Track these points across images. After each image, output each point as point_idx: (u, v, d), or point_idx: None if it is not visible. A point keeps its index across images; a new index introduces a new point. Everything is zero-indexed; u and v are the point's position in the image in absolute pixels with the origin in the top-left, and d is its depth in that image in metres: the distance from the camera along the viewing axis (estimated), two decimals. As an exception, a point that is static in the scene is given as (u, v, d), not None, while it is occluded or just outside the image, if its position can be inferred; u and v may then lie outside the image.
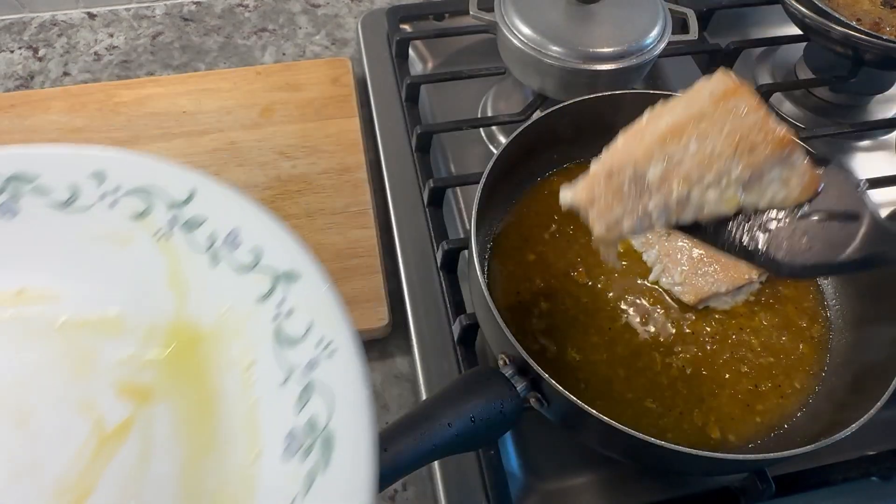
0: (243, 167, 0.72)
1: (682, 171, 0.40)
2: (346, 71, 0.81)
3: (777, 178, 0.41)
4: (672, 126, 0.41)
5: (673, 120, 0.41)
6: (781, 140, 0.40)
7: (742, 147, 0.40)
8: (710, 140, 0.41)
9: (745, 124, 0.41)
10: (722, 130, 0.41)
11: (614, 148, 0.43)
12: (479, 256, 0.49)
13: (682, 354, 0.54)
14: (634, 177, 0.41)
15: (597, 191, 0.42)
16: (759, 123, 0.41)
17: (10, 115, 0.75)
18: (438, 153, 0.76)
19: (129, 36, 0.89)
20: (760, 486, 0.50)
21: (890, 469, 0.55)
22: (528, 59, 0.67)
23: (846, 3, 0.73)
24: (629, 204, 0.41)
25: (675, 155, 0.41)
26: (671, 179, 0.41)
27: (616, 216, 0.41)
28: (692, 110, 0.41)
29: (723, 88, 0.42)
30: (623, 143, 0.43)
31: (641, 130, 0.43)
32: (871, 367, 0.51)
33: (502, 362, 0.47)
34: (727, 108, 0.41)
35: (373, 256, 0.66)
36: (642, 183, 0.41)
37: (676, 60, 0.84)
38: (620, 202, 0.41)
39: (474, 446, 0.47)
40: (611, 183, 0.42)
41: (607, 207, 0.42)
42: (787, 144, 0.41)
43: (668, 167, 0.41)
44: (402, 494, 0.56)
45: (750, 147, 0.40)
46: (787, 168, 0.41)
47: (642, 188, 0.41)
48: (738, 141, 0.40)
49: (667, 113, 0.43)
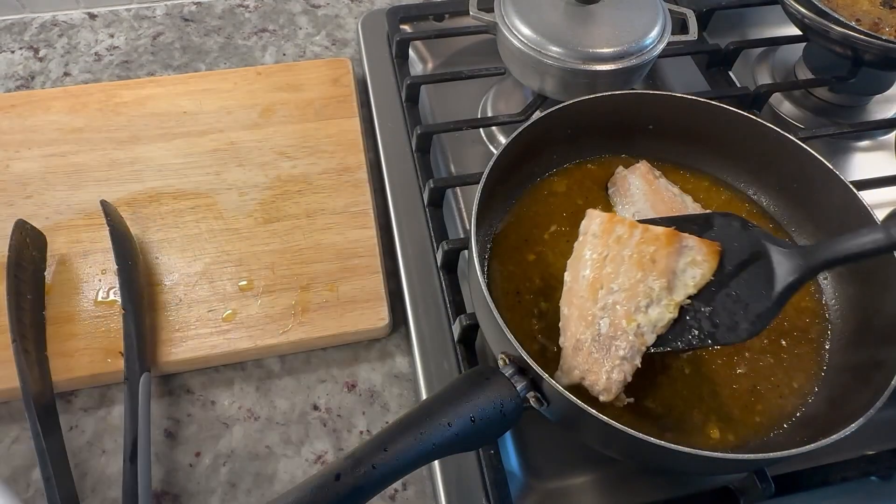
0: (243, 167, 0.72)
1: (622, 311, 0.47)
2: (346, 71, 0.81)
3: (687, 265, 0.49)
4: (592, 281, 0.49)
5: (591, 274, 0.49)
6: (668, 239, 0.48)
7: (646, 263, 0.48)
8: (622, 273, 0.48)
9: (635, 243, 0.49)
10: (624, 259, 0.48)
11: (566, 322, 0.50)
12: (479, 256, 0.49)
13: (682, 354, 0.54)
14: (594, 338, 0.48)
15: (579, 363, 0.48)
16: (643, 236, 0.49)
17: (10, 115, 0.75)
18: (438, 153, 0.76)
19: (129, 36, 0.89)
20: (760, 485, 0.50)
21: (889, 469, 0.55)
22: (528, 59, 0.67)
23: (845, 4, 0.73)
24: (606, 361, 0.47)
25: (608, 301, 0.48)
26: (619, 322, 0.47)
27: (606, 376, 0.47)
28: (595, 255, 0.50)
29: (600, 224, 0.51)
30: (569, 314, 0.50)
31: (572, 293, 0.50)
32: (870, 367, 0.51)
33: (502, 362, 0.47)
34: (615, 238, 0.50)
35: (373, 256, 0.66)
36: (603, 339, 0.47)
37: (676, 61, 0.84)
38: (599, 364, 0.47)
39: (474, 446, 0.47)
40: (581, 353, 0.48)
41: (595, 375, 0.47)
42: (673, 239, 0.49)
43: (611, 316, 0.48)
44: (402, 494, 0.56)
45: (651, 259, 0.48)
46: (687, 253, 0.49)
47: (606, 343, 0.47)
48: (640, 260, 0.48)
49: (580, 267, 0.50)
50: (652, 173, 0.62)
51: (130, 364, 0.56)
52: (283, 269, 0.65)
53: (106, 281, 0.63)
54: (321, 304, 0.63)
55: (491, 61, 0.77)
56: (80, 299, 0.62)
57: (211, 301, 0.63)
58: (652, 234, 0.49)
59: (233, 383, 0.61)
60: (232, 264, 0.65)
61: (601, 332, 0.48)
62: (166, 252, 0.66)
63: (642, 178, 0.61)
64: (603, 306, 0.48)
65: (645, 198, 0.60)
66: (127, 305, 0.59)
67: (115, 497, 0.55)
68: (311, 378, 0.62)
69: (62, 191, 0.69)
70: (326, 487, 0.38)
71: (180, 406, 0.60)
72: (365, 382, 0.62)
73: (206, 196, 0.70)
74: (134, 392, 0.55)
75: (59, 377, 0.58)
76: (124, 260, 0.61)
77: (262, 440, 0.58)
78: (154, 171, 0.71)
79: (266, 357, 0.62)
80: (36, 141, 0.73)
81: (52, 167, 0.71)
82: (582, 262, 0.50)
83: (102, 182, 0.70)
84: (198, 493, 0.55)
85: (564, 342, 0.50)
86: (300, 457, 0.57)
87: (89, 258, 0.65)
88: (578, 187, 0.64)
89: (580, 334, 0.48)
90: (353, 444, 0.58)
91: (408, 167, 0.73)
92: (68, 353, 0.59)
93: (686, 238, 0.49)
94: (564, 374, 0.49)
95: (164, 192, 0.70)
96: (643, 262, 0.48)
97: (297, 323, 0.62)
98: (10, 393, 0.57)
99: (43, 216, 0.67)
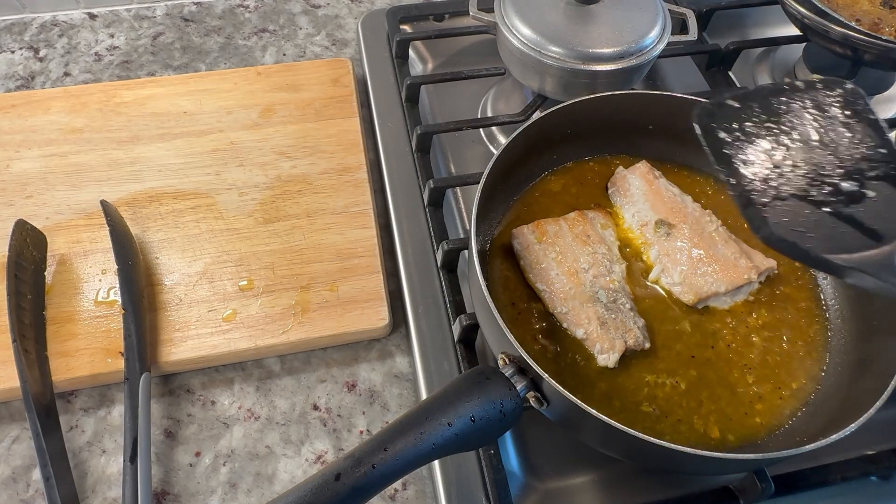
0: (243, 167, 0.72)
1: (602, 280, 0.56)
2: (346, 71, 0.81)
3: (601, 228, 0.60)
4: (567, 273, 0.56)
5: (562, 269, 0.56)
6: (582, 216, 0.59)
7: (585, 239, 0.58)
8: (580, 255, 0.57)
9: (568, 230, 0.58)
10: (572, 245, 0.57)
11: (573, 316, 0.54)
12: (479, 256, 0.49)
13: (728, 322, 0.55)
14: (606, 309, 0.54)
15: (612, 334, 0.53)
16: (568, 223, 0.59)
17: (10, 115, 0.75)
18: (438, 153, 0.76)
19: (129, 36, 0.89)
20: (760, 485, 0.50)
21: (889, 468, 0.55)
22: (528, 59, 0.67)
23: (845, 4, 0.73)
24: (627, 319, 0.54)
25: (589, 278, 0.55)
26: (608, 286, 0.55)
27: (636, 327, 0.53)
28: (552, 255, 0.57)
29: (532, 233, 0.58)
30: (570, 309, 0.55)
31: (558, 293, 0.55)
32: (870, 367, 0.51)
33: (502, 362, 0.47)
34: (552, 235, 0.58)
35: (373, 256, 0.66)
36: (609, 305, 0.54)
37: (676, 61, 0.84)
38: (624, 322, 0.53)
39: (474, 446, 0.47)
40: (608, 326, 0.53)
41: (631, 331, 0.53)
42: (583, 215, 0.60)
43: (600, 286, 0.55)
44: (402, 493, 0.56)
45: (585, 234, 0.58)
46: (597, 220, 0.61)
47: (613, 307, 0.54)
48: (582, 240, 0.58)
49: (547, 272, 0.56)
50: (652, 173, 0.62)
51: (130, 364, 0.56)
52: (283, 269, 0.65)
53: (106, 281, 0.64)
54: (321, 304, 0.63)
55: (491, 61, 0.77)
56: (80, 299, 0.62)
57: (211, 301, 0.63)
58: (571, 219, 0.59)
59: (233, 383, 0.61)
60: (232, 264, 0.65)
61: (604, 301, 0.54)
62: (166, 252, 0.66)
63: (642, 178, 0.62)
64: (590, 283, 0.55)
65: (644, 197, 0.61)
66: (127, 305, 0.59)
67: (115, 497, 0.55)
68: (311, 378, 0.62)
69: (62, 191, 0.69)
70: (326, 487, 0.38)
71: (180, 406, 0.60)
72: (365, 382, 0.62)
73: (206, 196, 0.70)
74: (134, 392, 0.55)
75: (59, 377, 0.58)
76: (124, 260, 0.61)
77: (262, 440, 0.58)
78: (154, 171, 0.71)
79: (266, 357, 0.62)
80: (36, 141, 0.73)
81: (52, 167, 0.71)
82: (544, 268, 0.56)
83: (102, 182, 0.70)
84: (198, 493, 0.55)
85: (586, 331, 0.53)
86: (300, 457, 0.57)
87: (89, 258, 0.65)
88: (578, 187, 0.64)
89: (596, 314, 0.53)
90: (353, 444, 0.58)
91: (408, 167, 0.73)
92: (68, 353, 0.59)
93: (588, 211, 0.60)
94: (609, 350, 0.52)
95: (164, 192, 0.70)
96: (584, 240, 0.58)
97: (297, 323, 0.62)
98: (10, 393, 0.57)
99: (43, 216, 0.67)
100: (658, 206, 0.60)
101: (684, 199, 0.61)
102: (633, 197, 0.61)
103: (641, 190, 0.61)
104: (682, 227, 0.58)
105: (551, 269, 0.56)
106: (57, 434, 0.55)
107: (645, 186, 0.61)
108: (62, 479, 0.52)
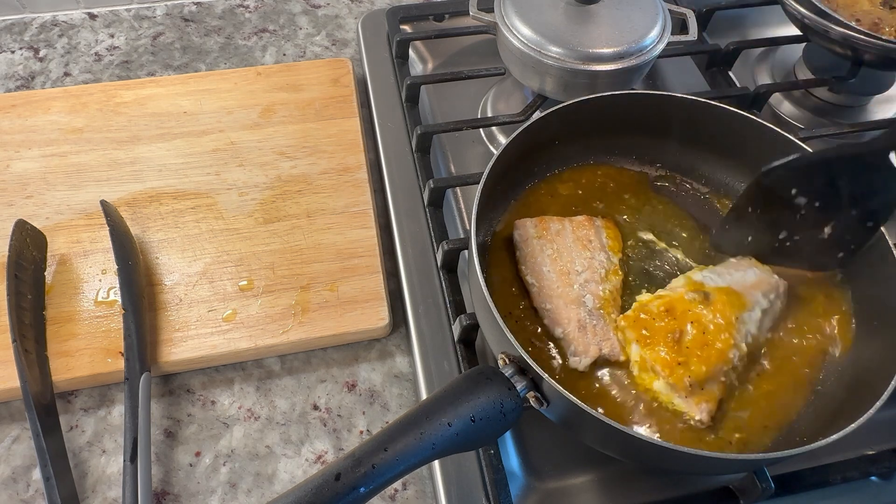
0: (243, 167, 0.72)
1: (593, 286, 0.55)
2: (346, 71, 0.81)
3: (605, 237, 0.59)
4: (559, 272, 0.56)
5: (555, 267, 0.56)
6: (589, 221, 0.60)
7: (587, 244, 0.58)
8: (577, 257, 0.57)
9: (572, 231, 0.58)
10: (571, 246, 0.57)
11: (556, 314, 0.54)
12: (479, 256, 0.49)
13: None
14: (589, 314, 0.54)
15: (590, 339, 0.53)
16: (573, 224, 0.59)
17: (10, 115, 0.75)
18: (438, 153, 0.76)
19: (129, 36, 0.89)
20: (760, 485, 0.50)
21: (889, 468, 0.55)
22: (528, 59, 0.67)
23: (845, 4, 0.73)
24: (608, 327, 0.54)
25: (581, 281, 0.55)
26: (597, 293, 0.55)
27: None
28: (549, 251, 0.57)
29: (534, 227, 0.58)
30: (554, 306, 0.55)
31: (546, 290, 0.55)
32: (871, 368, 0.51)
33: (502, 362, 0.47)
34: (554, 233, 0.58)
35: (373, 256, 0.66)
36: (594, 311, 0.54)
37: (676, 61, 0.84)
38: (605, 330, 0.53)
39: (474, 446, 0.47)
40: (587, 330, 0.53)
41: (609, 341, 0.53)
42: (591, 220, 0.60)
43: (589, 291, 0.55)
44: (402, 494, 0.56)
45: (588, 239, 0.58)
46: (601, 230, 0.60)
47: (597, 314, 0.54)
48: (583, 243, 0.57)
49: (540, 266, 0.56)
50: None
51: (130, 364, 0.56)
52: (283, 269, 0.65)
53: (106, 281, 0.64)
54: (321, 304, 0.63)
55: (491, 61, 0.77)
56: (80, 299, 0.62)
57: (211, 301, 0.63)
58: (577, 222, 0.59)
59: (233, 383, 0.61)
60: (232, 264, 0.65)
61: (589, 306, 0.54)
62: (166, 252, 0.66)
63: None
64: (580, 286, 0.55)
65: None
66: (127, 305, 0.59)
67: (115, 497, 0.55)
68: (311, 378, 0.62)
69: (62, 191, 0.69)
70: (326, 487, 0.38)
71: (180, 406, 0.60)
72: (365, 382, 0.62)
73: (206, 196, 0.70)
74: (134, 392, 0.55)
75: (59, 377, 0.58)
76: (124, 260, 0.61)
77: (262, 440, 0.58)
78: (154, 171, 0.71)
79: (266, 357, 0.62)
80: (36, 141, 0.73)
81: (52, 167, 0.71)
82: (538, 262, 0.56)
83: (102, 182, 0.70)
84: (198, 493, 0.55)
85: (564, 330, 0.53)
86: (300, 457, 0.57)
87: (89, 258, 0.65)
88: (579, 188, 0.64)
89: (577, 316, 0.53)
90: (353, 444, 0.58)
91: (408, 167, 0.73)
92: (68, 353, 0.59)
93: (595, 219, 0.60)
94: (581, 354, 0.52)
95: (164, 192, 0.70)
96: (585, 244, 0.58)
97: (297, 323, 0.62)
98: (10, 393, 0.57)
99: (43, 216, 0.67)
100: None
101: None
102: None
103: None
104: None
105: (544, 265, 0.56)
106: (57, 434, 0.55)
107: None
108: (62, 479, 0.52)
